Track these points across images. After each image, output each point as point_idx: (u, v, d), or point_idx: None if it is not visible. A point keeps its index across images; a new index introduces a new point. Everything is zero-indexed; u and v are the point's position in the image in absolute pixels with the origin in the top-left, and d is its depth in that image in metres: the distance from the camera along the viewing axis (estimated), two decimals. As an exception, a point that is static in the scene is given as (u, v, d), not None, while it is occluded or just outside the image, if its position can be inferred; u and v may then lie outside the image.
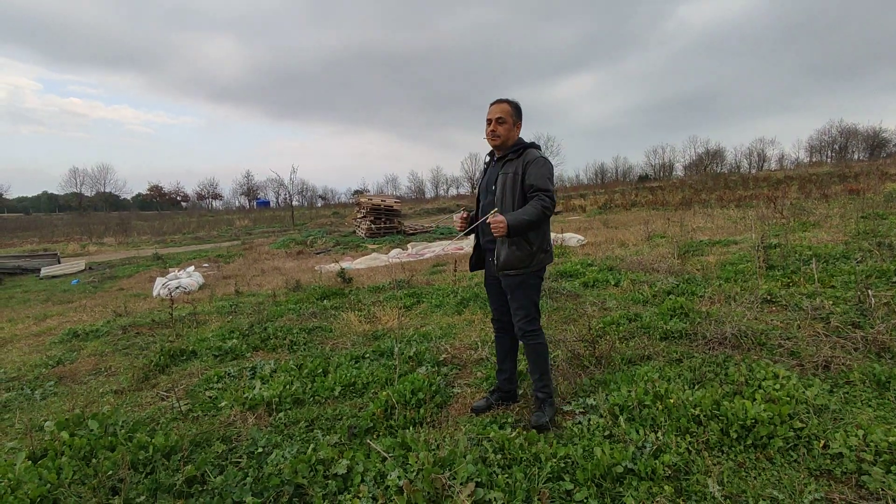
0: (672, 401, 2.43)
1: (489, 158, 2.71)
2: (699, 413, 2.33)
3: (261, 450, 2.45)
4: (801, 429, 2.19)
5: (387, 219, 17.82)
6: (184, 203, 79.18)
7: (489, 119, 2.52)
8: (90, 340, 5.12)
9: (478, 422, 2.63)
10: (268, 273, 10.42)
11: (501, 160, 2.56)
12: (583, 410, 2.64)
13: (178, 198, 79.92)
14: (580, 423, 2.45)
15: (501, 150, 2.57)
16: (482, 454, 2.19)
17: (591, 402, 2.67)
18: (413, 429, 2.57)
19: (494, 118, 2.50)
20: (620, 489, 1.94)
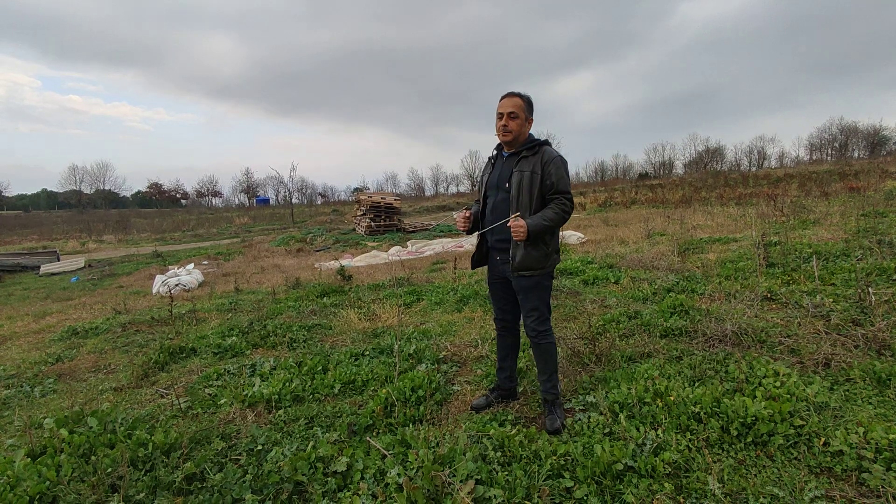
0: (672, 398, 2.43)
1: (496, 152, 2.61)
2: (699, 410, 2.33)
3: (260, 447, 2.45)
4: (802, 426, 2.18)
5: (386, 216, 17.82)
6: (183, 200, 79.08)
7: (500, 113, 2.41)
8: (90, 338, 5.12)
9: (478, 419, 2.63)
10: (267, 270, 10.41)
11: (515, 156, 2.46)
12: (583, 408, 2.64)
13: (178, 195, 79.84)
14: (580, 421, 2.45)
15: (513, 146, 2.47)
16: (482, 452, 2.18)
17: (592, 400, 2.67)
18: (413, 426, 2.57)
19: (507, 112, 2.39)
20: (620, 486, 1.94)
